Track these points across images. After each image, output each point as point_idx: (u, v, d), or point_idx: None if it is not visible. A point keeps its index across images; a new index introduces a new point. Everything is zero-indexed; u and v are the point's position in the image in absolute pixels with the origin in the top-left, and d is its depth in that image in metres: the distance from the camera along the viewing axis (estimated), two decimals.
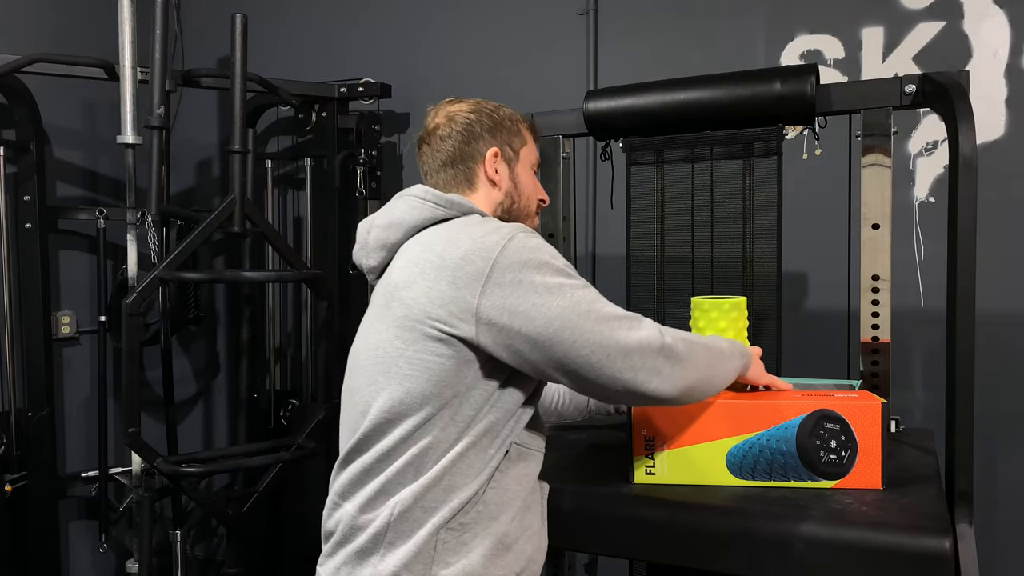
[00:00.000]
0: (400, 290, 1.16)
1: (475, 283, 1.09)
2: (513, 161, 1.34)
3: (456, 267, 1.11)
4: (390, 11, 2.86)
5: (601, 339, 1.08)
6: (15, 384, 2.55)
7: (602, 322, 1.09)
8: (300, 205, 2.97)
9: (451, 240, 1.15)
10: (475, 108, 1.33)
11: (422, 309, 1.12)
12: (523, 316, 1.08)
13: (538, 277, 1.09)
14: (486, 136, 1.31)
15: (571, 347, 1.08)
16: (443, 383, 1.12)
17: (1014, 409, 2.14)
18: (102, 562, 2.91)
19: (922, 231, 2.20)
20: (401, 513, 1.12)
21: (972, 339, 1.26)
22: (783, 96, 1.62)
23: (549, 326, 1.08)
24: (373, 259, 1.26)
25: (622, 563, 2.17)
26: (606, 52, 2.55)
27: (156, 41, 2.28)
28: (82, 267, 2.85)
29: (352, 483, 1.19)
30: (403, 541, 1.12)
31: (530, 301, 1.08)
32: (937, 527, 1.13)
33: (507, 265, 1.09)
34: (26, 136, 2.54)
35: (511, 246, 1.11)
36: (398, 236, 1.23)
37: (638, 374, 1.09)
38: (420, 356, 1.12)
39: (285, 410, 2.90)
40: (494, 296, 1.09)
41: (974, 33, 2.14)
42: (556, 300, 1.08)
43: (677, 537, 1.24)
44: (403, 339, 1.14)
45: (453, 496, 1.12)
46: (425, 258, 1.15)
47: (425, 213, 1.22)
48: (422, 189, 1.26)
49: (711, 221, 1.78)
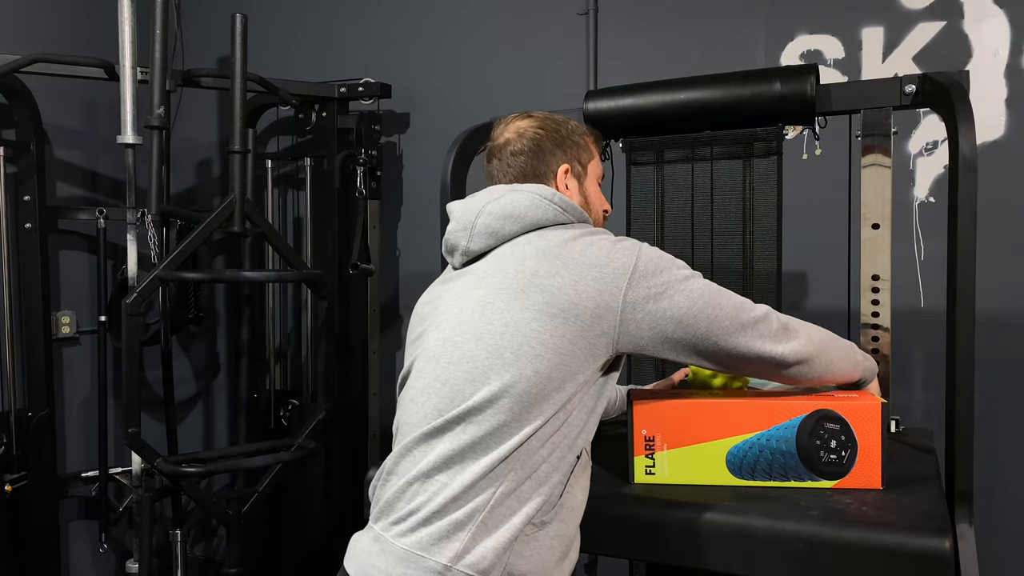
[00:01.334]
0: (541, 278, 1.20)
1: (622, 277, 1.19)
2: (583, 176, 1.40)
3: (603, 264, 1.19)
4: (390, 11, 2.86)
5: (736, 313, 1.22)
6: (15, 384, 2.55)
7: (732, 300, 1.24)
8: (300, 205, 2.97)
9: (590, 243, 1.23)
10: (543, 124, 1.38)
11: (568, 299, 1.17)
12: (668, 299, 1.20)
13: (675, 270, 1.22)
14: (557, 152, 1.37)
15: (713, 320, 1.21)
16: (569, 370, 1.17)
17: (1014, 409, 2.14)
18: (102, 562, 2.91)
19: (922, 231, 2.20)
20: (501, 496, 1.12)
21: (972, 339, 1.26)
22: (783, 96, 1.62)
23: (694, 305, 1.20)
24: (476, 243, 1.29)
25: (622, 563, 2.17)
26: (606, 52, 2.55)
27: (156, 41, 2.28)
28: (82, 267, 2.85)
29: (455, 455, 1.15)
30: (496, 527, 1.11)
31: (674, 287, 1.21)
32: (937, 527, 1.13)
33: (648, 261, 1.21)
34: (26, 136, 2.54)
35: (645, 249, 1.23)
36: (514, 229, 1.27)
37: (765, 341, 1.23)
38: (556, 341, 1.16)
39: (285, 410, 2.90)
40: (641, 287, 1.19)
41: (974, 33, 2.14)
42: (694, 284, 1.22)
43: (677, 537, 1.24)
44: (541, 323, 1.17)
45: (542, 490, 1.14)
46: (566, 255, 1.21)
47: (548, 213, 1.28)
48: (548, 190, 1.30)
49: (711, 221, 1.78)
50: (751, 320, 1.23)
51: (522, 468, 1.13)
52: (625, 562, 2.11)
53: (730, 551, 1.20)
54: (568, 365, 1.17)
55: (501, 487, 1.12)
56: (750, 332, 1.23)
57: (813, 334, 1.29)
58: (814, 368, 1.28)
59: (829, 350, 1.30)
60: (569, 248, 1.23)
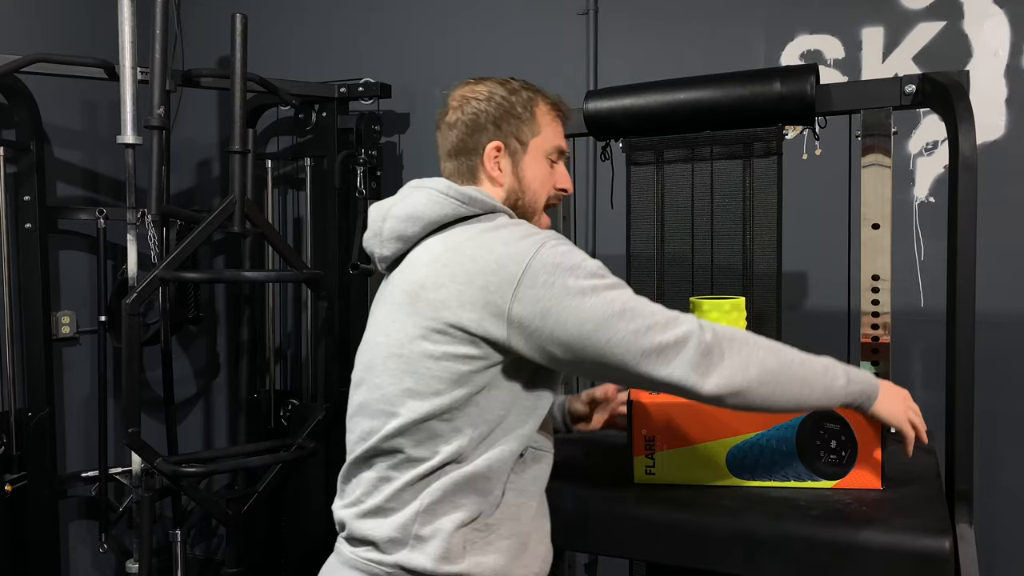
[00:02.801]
0: (428, 291, 1.15)
1: (508, 287, 1.09)
2: (520, 154, 1.27)
3: (490, 272, 1.11)
4: (390, 11, 2.86)
5: (635, 339, 1.07)
6: (15, 384, 2.55)
7: (635, 321, 1.08)
8: (300, 205, 2.97)
9: (483, 244, 1.14)
10: (488, 95, 1.27)
11: (453, 312, 1.12)
12: (555, 319, 1.08)
13: (571, 280, 1.09)
14: (490, 128, 1.26)
15: (605, 347, 1.08)
16: (471, 384, 1.12)
17: (1014, 409, 2.14)
18: (102, 562, 2.91)
19: (922, 231, 2.20)
20: (430, 506, 1.13)
21: (972, 339, 1.26)
22: (783, 96, 1.62)
23: (582, 328, 1.08)
24: (387, 249, 1.25)
25: (622, 563, 2.17)
26: (606, 52, 2.55)
27: (156, 41, 2.28)
28: (82, 267, 2.85)
29: (377, 481, 1.18)
30: (432, 536, 1.12)
31: (562, 304, 1.08)
32: (937, 527, 1.13)
33: (539, 268, 1.09)
34: (26, 136, 2.54)
35: (543, 251, 1.11)
36: (416, 230, 1.21)
37: (675, 371, 1.07)
38: (449, 358, 1.12)
39: (285, 410, 2.90)
40: (526, 299, 1.09)
41: (974, 33, 2.14)
42: (589, 301, 1.08)
43: (677, 537, 1.24)
44: (432, 340, 1.13)
45: (478, 496, 1.13)
46: (455, 260, 1.14)
47: (447, 209, 1.20)
48: (444, 184, 1.22)
49: (711, 221, 1.78)
50: (656, 347, 1.07)
51: (448, 477, 1.13)
52: (625, 562, 2.11)
53: (730, 551, 1.20)
54: (471, 381, 1.12)
55: (426, 498, 1.13)
56: (654, 361, 1.07)
57: (750, 360, 1.10)
58: (750, 400, 1.11)
59: (774, 380, 1.11)
60: (461, 252, 1.14)
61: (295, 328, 3.02)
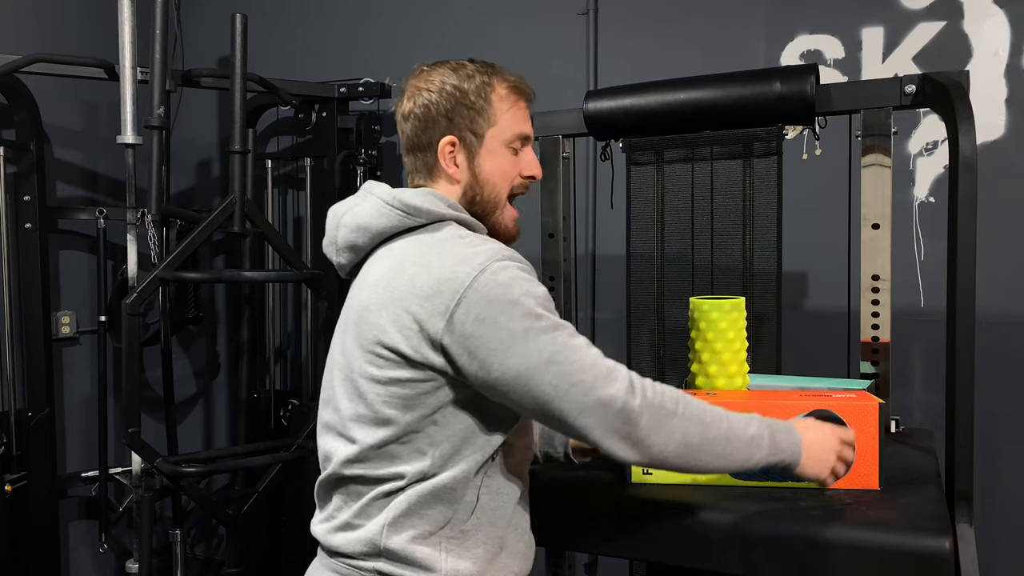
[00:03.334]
0: (371, 313, 1.12)
1: (441, 317, 1.05)
2: (476, 147, 1.20)
3: (425, 297, 1.07)
4: (390, 11, 2.86)
5: (556, 393, 1.03)
6: (15, 384, 2.55)
7: (562, 375, 1.03)
8: (300, 205, 2.97)
9: (424, 265, 1.09)
10: (440, 85, 1.19)
11: (391, 337, 1.09)
12: (481, 359, 1.04)
13: (502, 319, 1.04)
14: (442, 122, 1.19)
15: (525, 396, 1.05)
16: (423, 406, 1.10)
17: (1014, 409, 2.14)
18: (102, 562, 2.91)
19: (922, 231, 2.20)
20: (396, 519, 1.12)
21: (972, 339, 1.26)
22: (783, 96, 1.62)
23: (504, 375, 1.04)
24: (343, 258, 1.23)
25: (622, 563, 2.17)
26: (606, 52, 2.55)
27: (156, 41, 2.28)
28: (82, 267, 2.85)
29: (346, 497, 1.18)
30: (401, 548, 1.12)
31: (489, 347, 1.04)
32: (937, 527, 1.13)
33: (474, 301, 1.04)
34: (26, 136, 2.54)
35: (481, 280, 1.05)
36: (365, 240, 1.18)
37: (593, 432, 1.04)
38: (394, 383, 1.10)
39: (285, 410, 2.90)
40: (457, 332, 1.05)
41: (974, 33, 2.14)
42: (516, 347, 1.03)
43: (677, 537, 1.24)
44: (376, 365, 1.11)
45: (444, 505, 1.12)
46: (395, 283, 1.11)
47: (392, 221, 1.15)
48: (388, 193, 1.17)
49: (711, 221, 1.78)
50: (577, 407, 1.03)
51: (415, 495, 1.11)
52: (625, 562, 2.11)
53: (730, 551, 1.20)
54: (425, 403, 1.09)
55: (394, 513, 1.12)
56: (575, 417, 1.03)
57: (672, 435, 1.06)
58: (667, 467, 1.10)
59: (690, 455, 1.08)
60: (402, 273, 1.11)
61: (295, 328, 3.02)
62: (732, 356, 1.45)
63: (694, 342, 1.48)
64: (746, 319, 1.49)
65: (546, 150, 1.95)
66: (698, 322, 1.48)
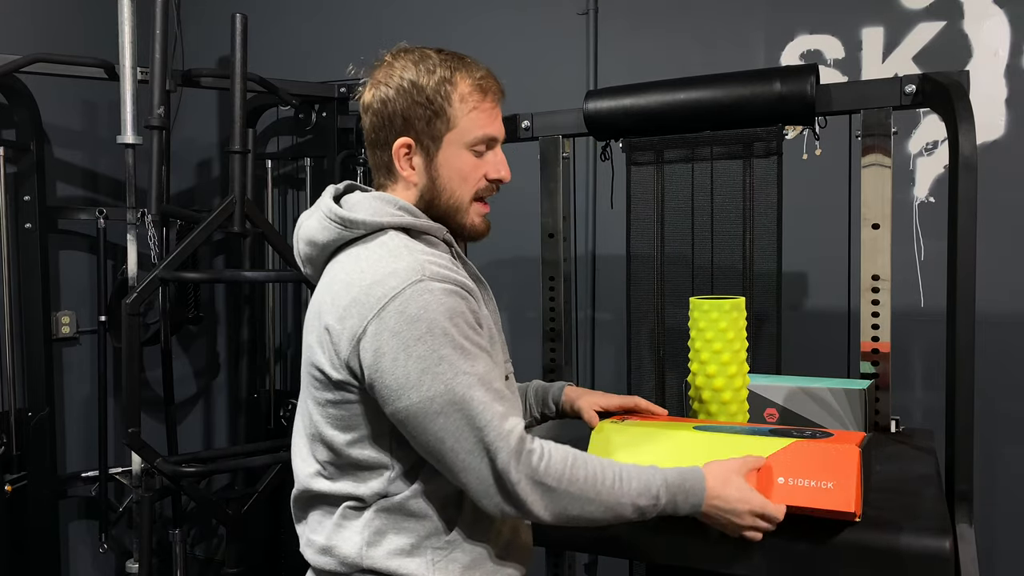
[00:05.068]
0: (307, 333, 1.13)
1: (348, 343, 1.04)
2: (433, 150, 1.14)
3: (339, 318, 1.05)
4: (390, 11, 2.86)
5: (442, 448, 1.02)
6: (15, 384, 2.55)
7: (460, 427, 1.01)
8: (300, 205, 2.97)
9: (345, 281, 1.06)
10: (398, 81, 1.12)
11: (318, 358, 1.08)
12: (380, 387, 1.02)
13: (401, 356, 1.00)
14: (397, 122, 1.13)
15: (419, 437, 1.03)
16: (364, 427, 1.08)
17: (1014, 409, 2.14)
18: (102, 562, 2.91)
19: (922, 231, 2.20)
20: (371, 537, 1.10)
21: (972, 339, 1.26)
22: (783, 96, 1.62)
23: (399, 411, 1.02)
24: (307, 269, 1.21)
25: (622, 563, 2.17)
26: (606, 52, 2.55)
27: (156, 41, 2.28)
28: (82, 267, 2.85)
29: (320, 517, 1.16)
30: (384, 566, 1.10)
31: (385, 383, 1.02)
32: (937, 527, 1.13)
33: (380, 331, 1.01)
34: (26, 136, 2.54)
35: (390, 308, 1.01)
36: (317, 253, 1.16)
37: (474, 490, 1.03)
38: (331, 405, 1.09)
39: (285, 410, 2.90)
40: (361, 360, 1.03)
41: (974, 33, 2.14)
42: (419, 387, 1.00)
43: (677, 537, 1.24)
44: (314, 386, 1.10)
45: (417, 519, 1.10)
46: (323, 300, 1.09)
47: (332, 234, 1.12)
48: (328, 206, 1.13)
49: (711, 221, 1.77)
50: (458, 464, 1.02)
51: (384, 512, 1.10)
52: (625, 562, 2.11)
53: (730, 551, 1.20)
54: (359, 424, 1.08)
55: (369, 531, 1.10)
56: (456, 474, 1.03)
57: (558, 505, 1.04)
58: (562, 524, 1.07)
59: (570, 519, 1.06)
60: (329, 289, 1.08)
61: (295, 328, 3.02)
62: (732, 356, 1.45)
63: (694, 342, 1.48)
64: (746, 319, 1.49)
65: (546, 150, 1.95)
66: (698, 322, 1.48)
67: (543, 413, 1.46)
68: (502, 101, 1.20)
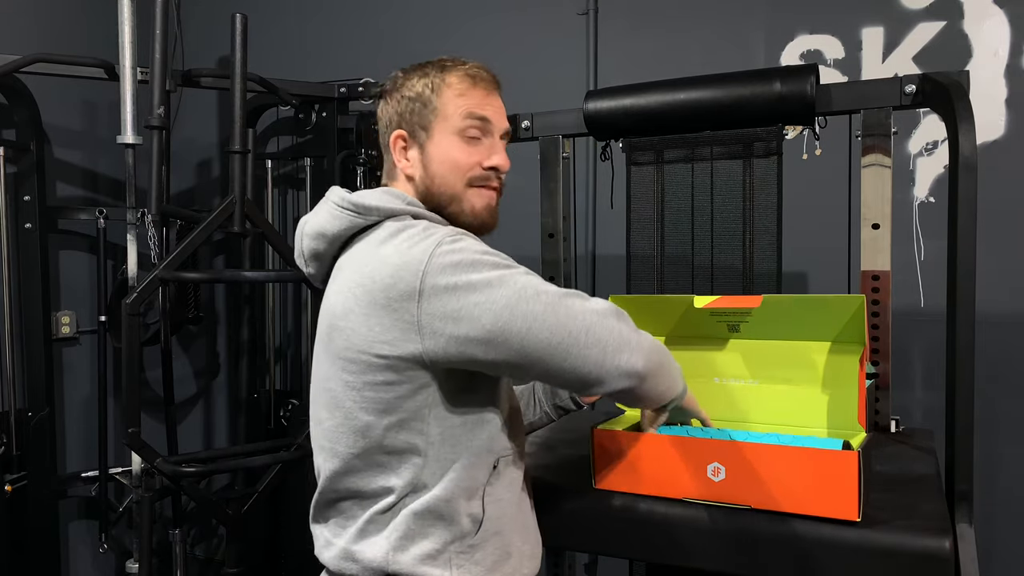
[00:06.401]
0: (338, 319, 1.11)
1: (411, 299, 1.03)
2: (425, 141, 1.18)
3: (388, 287, 1.04)
4: (390, 11, 2.86)
5: (557, 318, 1.02)
6: (15, 384, 2.55)
7: (554, 303, 1.03)
8: (300, 205, 2.97)
9: (380, 259, 1.07)
10: (404, 80, 1.21)
11: (363, 339, 1.07)
12: (468, 318, 1.02)
13: (474, 275, 1.02)
14: (394, 120, 1.20)
15: (527, 335, 1.02)
16: (401, 410, 1.08)
17: (1014, 409, 2.14)
18: (102, 562, 2.91)
19: (922, 231, 2.20)
20: (398, 541, 1.10)
21: (972, 339, 1.26)
22: (783, 96, 1.62)
23: (498, 320, 1.01)
24: (311, 268, 1.22)
25: (622, 563, 2.17)
26: (606, 52, 2.55)
27: (156, 41, 2.28)
28: (82, 267, 2.85)
29: (343, 520, 1.16)
30: (411, 569, 1.10)
31: (472, 301, 1.01)
32: (937, 527, 1.13)
33: (438, 271, 1.02)
34: (26, 136, 2.54)
35: (437, 253, 1.03)
36: (325, 247, 1.17)
37: (606, 349, 1.04)
38: (370, 388, 1.08)
39: (285, 410, 2.90)
40: (433, 307, 1.02)
41: (974, 33, 2.14)
42: (499, 292, 1.01)
43: (677, 537, 1.24)
44: (350, 371, 1.09)
45: (445, 522, 1.10)
46: (357, 282, 1.08)
47: (345, 222, 1.14)
48: (339, 195, 1.16)
49: (711, 221, 1.77)
50: (581, 326, 1.03)
51: (411, 513, 1.10)
52: (625, 562, 2.11)
53: (730, 551, 1.20)
54: (403, 407, 1.07)
55: (396, 535, 1.10)
56: (583, 339, 1.03)
57: (642, 342, 1.09)
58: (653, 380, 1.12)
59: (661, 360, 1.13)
60: (362, 273, 1.08)
61: (295, 328, 3.02)
62: None
63: None
64: None
65: (546, 150, 1.95)
66: None
67: (555, 405, 1.44)
68: (498, 91, 1.24)
